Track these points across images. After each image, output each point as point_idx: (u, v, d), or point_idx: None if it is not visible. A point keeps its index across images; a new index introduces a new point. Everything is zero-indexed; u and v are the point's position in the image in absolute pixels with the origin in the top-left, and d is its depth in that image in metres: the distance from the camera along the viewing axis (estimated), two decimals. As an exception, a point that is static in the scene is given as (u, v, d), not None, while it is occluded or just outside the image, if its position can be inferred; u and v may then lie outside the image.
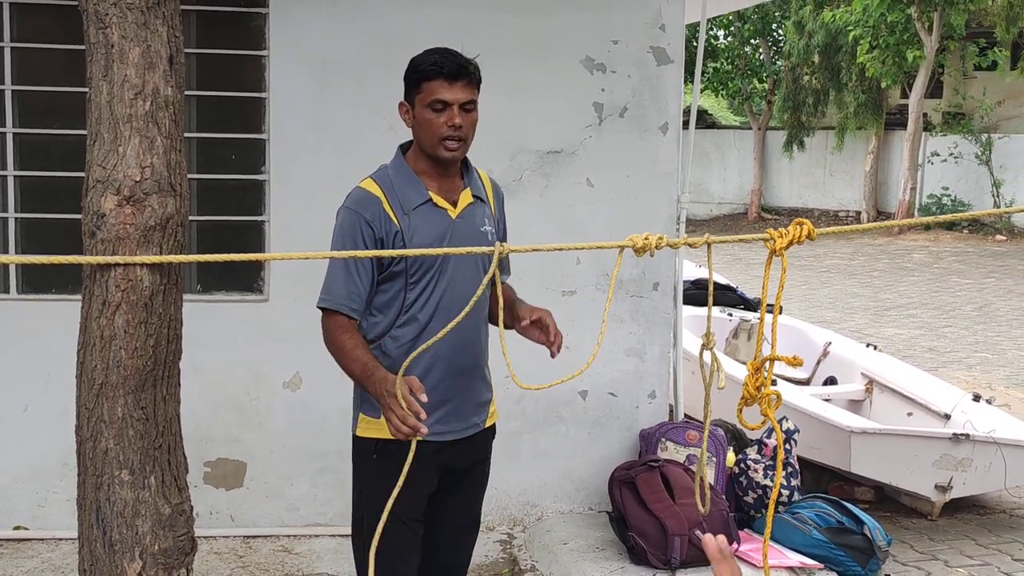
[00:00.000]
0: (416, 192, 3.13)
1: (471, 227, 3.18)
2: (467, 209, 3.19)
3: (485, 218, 3.24)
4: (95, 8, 2.61)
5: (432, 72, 3.06)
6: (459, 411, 3.23)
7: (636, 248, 2.66)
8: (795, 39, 23.67)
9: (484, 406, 3.35)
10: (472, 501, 3.45)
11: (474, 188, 3.24)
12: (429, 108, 3.07)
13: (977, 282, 16.06)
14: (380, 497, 2.95)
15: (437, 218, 3.14)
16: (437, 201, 3.15)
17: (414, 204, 3.12)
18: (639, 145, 5.35)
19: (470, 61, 3.14)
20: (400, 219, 3.10)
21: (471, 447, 3.31)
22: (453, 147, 3.10)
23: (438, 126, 3.07)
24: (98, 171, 2.62)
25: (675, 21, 5.32)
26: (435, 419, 3.09)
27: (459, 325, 2.84)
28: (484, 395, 3.34)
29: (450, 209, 3.16)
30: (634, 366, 5.47)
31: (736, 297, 8.58)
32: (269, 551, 5.11)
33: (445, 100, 3.05)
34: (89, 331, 2.67)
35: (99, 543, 2.70)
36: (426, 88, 3.07)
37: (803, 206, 25.52)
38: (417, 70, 3.09)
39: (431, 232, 3.11)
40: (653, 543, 4.71)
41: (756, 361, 2.54)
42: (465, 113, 3.09)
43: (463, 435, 3.26)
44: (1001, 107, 22.79)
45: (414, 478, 2.92)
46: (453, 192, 3.19)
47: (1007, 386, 9.30)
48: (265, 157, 5.22)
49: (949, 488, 5.69)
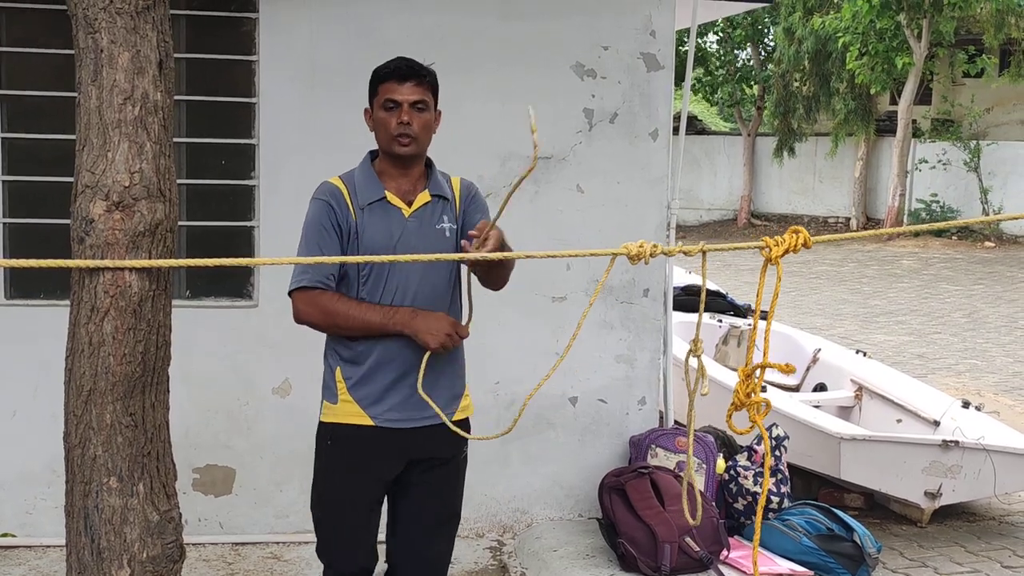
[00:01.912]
0: (373, 190, 3.32)
1: (425, 225, 3.33)
2: (423, 208, 3.34)
3: (444, 216, 3.37)
4: (84, 13, 2.60)
5: (385, 75, 3.29)
6: (419, 401, 3.26)
7: (631, 256, 2.66)
8: (785, 45, 23.72)
9: (452, 399, 3.40)
10: (447, 494, 3.49)
11: (434, 188, 3.38)
12: (383, 108, 3.29)
13: (966, 289, 16.11)
14: (334, 479, 3.38)
15: (390, 215, 3.31)
16: (391, 200, 3.32)
17: (369, 200, 3.30)
18: (629, 151, 5.35)
19: (424, 66, 3.34)
20: (356, 213, 3.29)
21: (437, 438, 3.36)
22: (405, 143, 3.28)
23: (390, 124, 3.27)
24: (87, 176, 2.61)
25: (665, 27, 5.32)
26: (390, 406, 3.30)
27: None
28: (449, 389, 3.39)
29: (404, 208, 3.32)
30: (624, 372, 5.46)
31: (726, 303, 8.58)
32: (258, 558, 5.09)
33: (396, 99, 3.26)
34: (77, 337, 2.65)
35: (87, 550, 2.69)
36: (381, 90, 3.30)
37: (793, 212, 25.58)
38: (375, 75, 3.33)
39: (381, 228, 3.29)
40: (643, 550, 4.70)
41: (747, 367, 2.54)
42: (416, 112, 3.28)
43: (423, 424, 3.33)
44: (990, 114, 22.87)
45: (371, 463, 3.33)
46: (411, 192, 3.35)
47: (996, 392, 9.32)
48: (255, 162, 5.20)
49: (939, 495, 5.70)
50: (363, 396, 3.31)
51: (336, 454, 3.37)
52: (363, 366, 3.30)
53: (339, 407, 3.34)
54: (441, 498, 3.47)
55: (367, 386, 3.30)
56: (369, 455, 3.34)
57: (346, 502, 3.39)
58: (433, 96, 3.34)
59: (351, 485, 3.37)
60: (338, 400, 3.34)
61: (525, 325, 5.35)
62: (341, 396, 3.34)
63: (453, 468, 3.48)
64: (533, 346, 5.34)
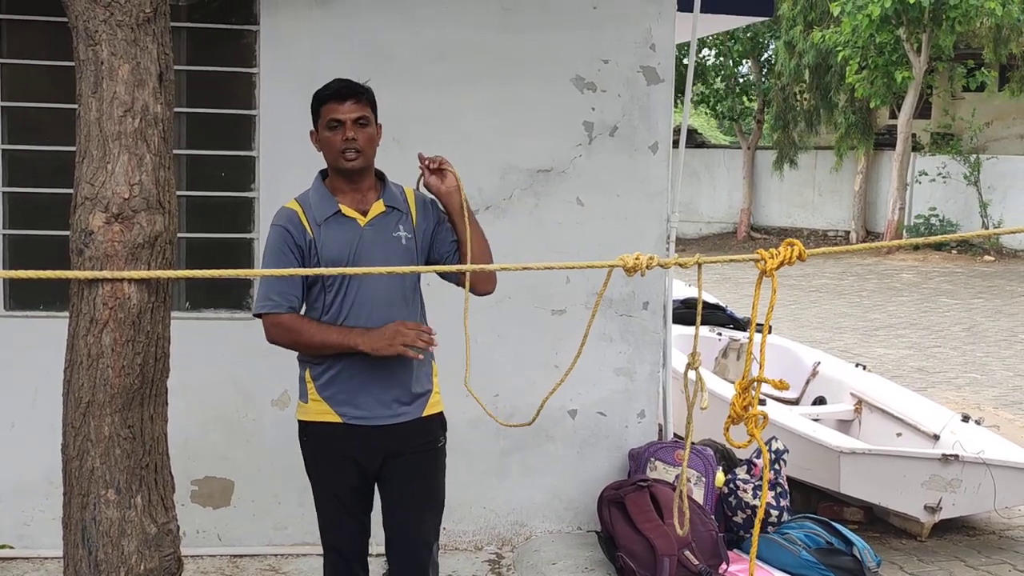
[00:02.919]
0: (327, 205, 3.50)
1: (381, 232, 3.51)
2: (378, 218, 3.52)
3: (400, 224, 3.55)
4: (85, 25, 2.60)
5: (325, 97, 3.49)
6: (382, 399, 3.50)
7: (627, 268, 2.67)
8: (786, 59, 23.76)
9: (419, 397, 3.60)
10: (427, 481, 3.65)
11: (388, 199, 3.56)
12: (327, 128, 3.47)
13: (966, 302, 16.11)
14: (316, 472, 3.64)
15: (346, 226, 3.49)
16: (346, 212, 3.50)
17: (325, 216, 3.49)
18: (629, 164, 5.36)
19: (361, 85, 3.53)
20: (313, 229, 3.48)
21: (407, 434, 3.57)
22: (351, 157, 3.46)
23: (336, 141, 3.45)
24: (86, 188, 2.61)
25: (665, 41, 5.33)
26: (357, 405, 3.50)
27: (375, 318, 3.44)
28: (416, 387, 3.58)
29: (359, 218, 3.50)
30: (623, 385, 5.46)
31: (725, 316, 8.57)
32: (256, 570, 5.08)
33: (339, 118, 3.45)
34: (76, 349, 2.65)
35: (84, 563, 2.68)
36: (323, 111, 3.48)
37: (792, 225, 25.59)
38: (316, 98, 3.52)
39: (340, 239, 3.47)
40: (642, 563, 4.69)
41: (744, 381, 2.54)
42: (359, 128, 3.46)
43: (388, 422, 3.52)
44: (989, 128, 22.91)
45: (345, 456, 3.55)
46: (364, 204, 3.53)
47: (996, 406, 9.31)
48: (255, 174, 5.21)
49: (938, 509, 5.69)
50: (331, 395, 3.51)
51: (312, 449, 3.61)
52: (331, 368, 3.50)
53: (310, 406, 3.56)
54: (420, 487, 3.64)
55: (334, 386, 3.51)
56: (343, 449, 3.55)
57: (328, 492, 3.63)
58: (372, 111, 3.52)
59: (330, 476, 3.61)
60: (308, 399, 3.56)
61: (525, 338, 5.35)
62: (311, 395, 3.55)
63: (430, 456, 3.65)
64: (533, 359, 5.33)
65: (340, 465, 3.58)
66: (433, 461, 3.67)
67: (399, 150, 5.07)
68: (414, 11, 5.16)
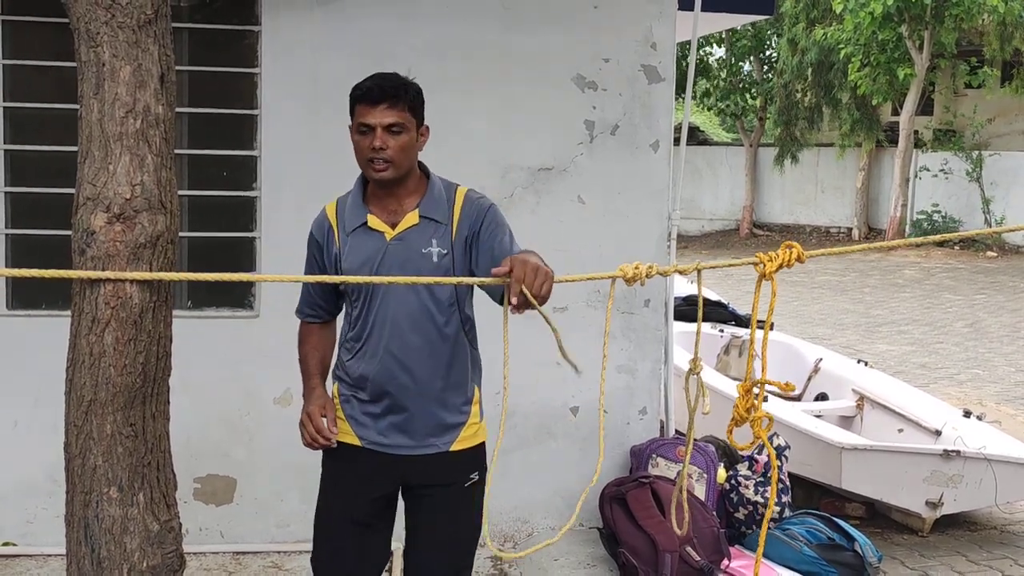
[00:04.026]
0: (357, 215, 3.23)
1: (408, 248, 3.18)
2: (408, 231, 3.19)
3: (433, 239, 3.19)
4: (87, 27, 2.62)
5: (359, 97, 3.15)
6: (407, 428, 3.24)
7: (627, 278, 2.70)
8: (788, 56, 23.76)
9: (448, 429, 3.27)
10: (448, 518, 3.30)
11: (426, 209, 3.21)
12: (357, 131, 3.16)
13: (968, 298, 16.10)
14: (326, 494, 3.39)
15: (370, 241, 3.20)
16: (373, 224, 3.20)
17: (353, 226, 3.23)
18: (630, 163, 5.37)
19: (401, 84, 3.16)
20: (341, 240, 3.25)
21: (430, 467, 3.26)
22: (380, 168, 3.12)
23: (364, 149, 3.13)
24: (88, 188, 2.63)
25: (666, 39, 5.34)
26: (379, 430, 3.27)
27: (396, 339, 3.19)
28: (444, 418, 3.27)
29: (387, 232, 3.19)
30: (625, 382, 5.47)
31: (727, 313, 8.58)
32: (259, 567, 5.09)
33: (368, 124, 3.11)
34: (78, 348, 2.67)
35: (87, 560, 2.70)
36: (356, 112, 3.16)
37: (795, 222, 25.60)
38: (351, 96, 3.19)
39: (361, 254, 3.20)
40: (644, 560, 4.71)
41: (746, 383, 2.55)
42: (391, 135, 3.10)
43: (412, 452, 3.25)
44: (991, 124, 22.89)
45: (359, 483, 3.30)
46: (397, 214, 3.21)
47: (998, 402, 9.32)
48: (257, 174, 5.22)
49: (940, 504, 5.70)
50: (352, 415, 3.30)
51: (330, 468, 3.38)
52: (355, 386, 3.28)
53: (337, 424, 3.33)
54: (442, 528, 3.30)
55: (357, 406, 3.29)
56: (358, 475, 3.30)
57: (333, 518, 3.34)
58: (413, 114, 3.16)
59: (338, 502, 3.34)
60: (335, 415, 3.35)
61: (526, 335, 5.34)
62: (337, 412, 3.34)
63: (456, 492, 3.30)
64: (534, 356, 5.33)
65: (352, 491, 3.30)
66: (458, 499, 3.31)
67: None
68: (415, 10, 5.17)
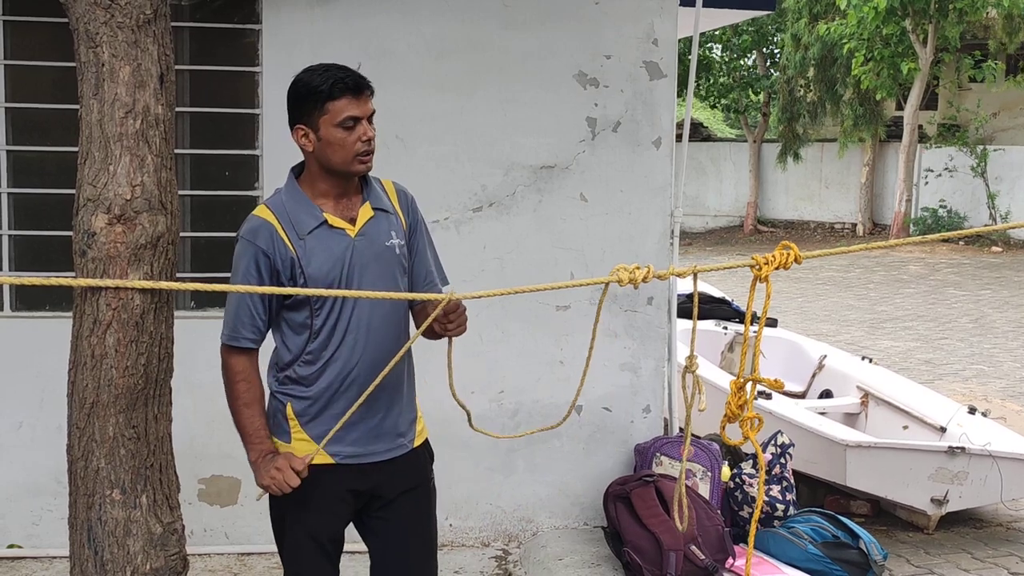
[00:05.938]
0: (310, 215, 3.02)
1: (374, 243, 3.07)
2: (367, 224, 3.07)
3: (392, 231, 3.11)
4: (86, 27, 2.61)
5: (338, 91, 2.96)
6: (380, 431, 3.12)
7: (622, 283, 2.69)
8: (791, 51, 23.73)
9: (410, 424, 3.22)
10: (419, 526, 3.24)
11: (374, 201, 3.11)
12: (340, 127, 2.97)
13: (973, 294, 16.08)
14: (294, 522, 3.13)
15: (335, 239, 3.02)
16: (333, 222, 3.03)
17: (309, 228, 3.01)
18: (632, 160, 5.36)
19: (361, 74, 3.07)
20: (295, 244, 2.99)
21: (400, 469, 3.18)
22: (367, 160, 3.03)
23: (352, 143, 2.98)
24: (89, 190, 2.62)
25: (668, 36, 5.33)
26: (351, 441, 3.07)
27: (371, 345, 3.04)
28: (407, 414, 3.21)
29: (348, 228, 3.05)
30: (628, 380, 5.46)
31: (731, 310, 8.57)
32: (264, 568, 5.09)
33: (356, 116, 2.97)
34: (80, 350, 2.66)
35: (91, 563, 2.70)
36: (333, 108, 2.96)
37: (799, 218, 25.57)
38: (317, 91, 2.97)
39: (327, 255, 3.01)
40: (648, 558, 4.70)
41: (738, 380, 2.54)
42: (371, 125, 3.03)
43: (385, 456, 3.14)
44: (996, 119, 22.86)
45: (331, 502, 3.10)
46: (351, 209, 3.07)
47: (1003, 398, 9.30)
48: (258, 173, 5.22)
49: (945, 501, 5.69)
50: (320, 434, 3.03)
51: (295, 497, 3.02)
52: (318, 400, 3.06)
53: (294, 446, 3.07)
54: (413, 531, 3.23)
55: (325, 422, 3.05)
56: (330, 494, 3.10)
57: (306, 545, 3.14)
58: None
59: (310, 527, 3.12)
60: (292, 439, 3.09)
61: (529, 334, 5.35)
62: (295, 435, 3.08)
63: (422, 498, 3.25)
64: (537, 355, 5.34)
65: (326, 511, 3.12)
66: (426, 500, 3.26)
67: (402, 148, 5.10)
68: (415, 8, 5.16)
